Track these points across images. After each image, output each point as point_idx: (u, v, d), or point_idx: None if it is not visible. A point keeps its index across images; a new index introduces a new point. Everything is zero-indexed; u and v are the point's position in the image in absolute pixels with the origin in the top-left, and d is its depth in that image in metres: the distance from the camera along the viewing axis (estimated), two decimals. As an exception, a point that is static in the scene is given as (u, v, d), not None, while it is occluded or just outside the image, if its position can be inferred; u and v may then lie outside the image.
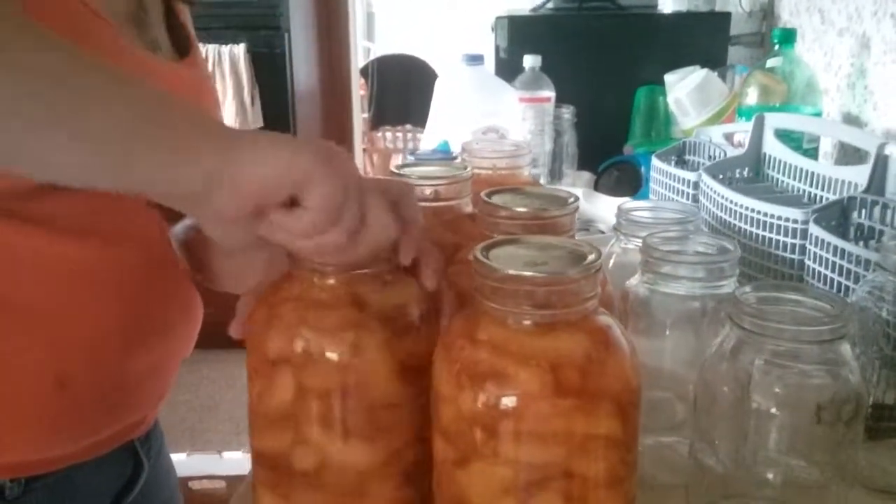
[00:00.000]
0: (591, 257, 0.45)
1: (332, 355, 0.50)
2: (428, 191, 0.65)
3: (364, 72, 4.53)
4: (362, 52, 5.07)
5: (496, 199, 0.59)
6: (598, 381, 0.43)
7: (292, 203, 0.46)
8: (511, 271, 0.43)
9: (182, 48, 0.73)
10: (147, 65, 0.65)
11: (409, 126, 4.81)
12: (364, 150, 4.35)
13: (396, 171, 0.66)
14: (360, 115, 3.69)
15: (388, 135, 4.86)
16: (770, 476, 0.57)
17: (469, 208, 0.66)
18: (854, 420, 0.54)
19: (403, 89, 4.75)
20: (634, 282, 0.64)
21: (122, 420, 0.69)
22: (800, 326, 0.52)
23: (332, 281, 0.51)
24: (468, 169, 0.67)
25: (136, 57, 0.63)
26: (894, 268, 0.62)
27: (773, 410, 0.54)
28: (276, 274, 0.54)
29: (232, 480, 1.96)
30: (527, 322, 0.44)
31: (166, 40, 0.71)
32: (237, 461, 2.05)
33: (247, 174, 0.45)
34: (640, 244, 0.65)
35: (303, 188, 0.45)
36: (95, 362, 0.63)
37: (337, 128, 3.34)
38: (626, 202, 0.75)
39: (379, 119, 4.81)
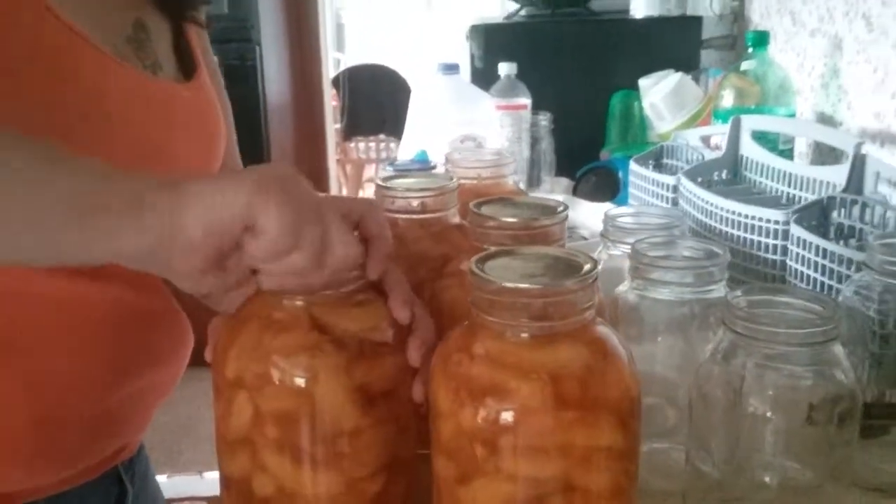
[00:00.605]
0: (587, 267, 0.44)
1: (285, 379, 0.49)
2: (415, 203, 0.64)
3: (335, 82, 4.52)
4: (332, 62, 5.06)
5: (485, 210, 0.59)
6: (599, 392, 0.43)
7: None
8: (508, 284, 0.43)
9: (189, 70, 0.72)
10: (142, 86, 0.65)
11: (382, 136, 4.80)
12: (337, 160, 4.33)
13: (382, 183, 0.66)
14: (332, 126, 3.68)
15: (361, 145, 4.85)
16: (767, 479, 0.57)
17: (456, 219, 0.66)
18: (848, 420, 0.54)
19: (375, 99, 4.75)
20: (624, 288, 0.64)
21: (105, 449, 0.68)
22: (792, 329, 0.52)
23: (298, 302, 0.50)
24: (454, 180, 0.66)
25: (128, 78, 0.63)
26: (880, 267, 0.62)
27: (768, 413, 0.54)
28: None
29: (214, 501, 1.93)
30: (524, 334, 0.43)
31: (171, 62, 0.70)
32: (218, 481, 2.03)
33: (193, 227, 0.44)
34: (628, 250, 0.65)
35: (254, 218, 0.44)
36: (76, 397, 0.62)
37: (310, 139, 3.32)
38: (612, 209, 0.75)
39: (351, 129, 4.80)
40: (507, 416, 0.42)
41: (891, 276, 0.62)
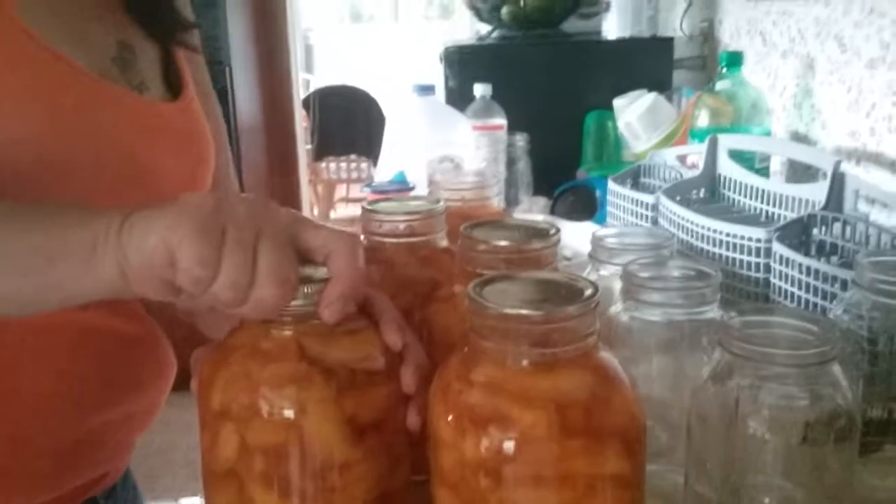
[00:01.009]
0: (588, 292, 0.44)
1: (273, 411, 0.47)
2: (402, 226, 0.63)
3: (305, 103, 4.51)
4: (302, 83, 5.05)
5: (475, 233, 0.58)
6: (605, 420, 0.42)
7: None
8: (510, 310, 0.42)
9: (178, 92, 0.71)
10: (125, 104, 0.64)
11: (352, 156, 4.79)
12: (308, 181, 4.31)
13: (368, 207, 0.65)
14: (304, 147, 3.66)
15: (332, 165, 4.83)
16: (766, 501, 0.56)
17: (444, 243, 0.65)
18: (848, 440, 0.53)
19: (345, 120, 4.74)
20: (616, 310, 0.64)
21: (82, 476, 0.67)
22: (791, 350, 0.52)
23: (286, 331, 0.49)
24: (441, 203, 0.65)
25: (110, 96, 0.62)
26: (871, 285, 0.62)
27: (766, 435, 0.54)
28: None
29: (189, 528, 1.89)
30: (526, 362, 0.42)
31: (159, 83, 0.70)
32: (194, 508, 1.99)
33: (136, 265, 0.46)
34: (617, 271, 0.65)
35: (171, 251, 0.44)
36: (50, 421, 0.61)
37: (281, 160, 3.30)
38: (599, 229, 0.75)
39: (322, 150, 4.78)
40: (512, 446, 0.41)
41: (881, 293, 0.62)
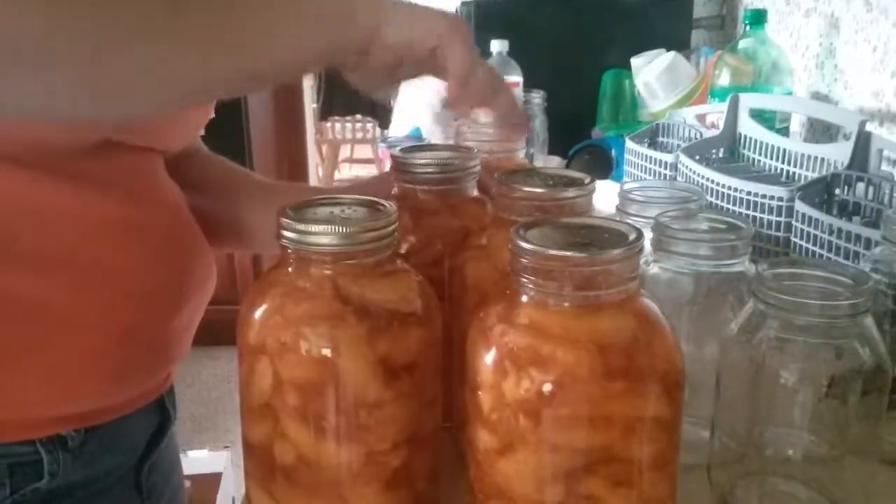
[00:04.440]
0: (632, 236, 0.44)
1: (306, 348, 0.48)
2: (434, 175, 0.63)
3: (312, 61, 4.46)
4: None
5: (511, 181, 0.58)
6: (646, 362, 0.42)
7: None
8: (554, 251, 0.42)
9: None
10: None
11: (358, 116, 4.77)
12: (315, 141, 4.29)
13: (399, 155, 0.64)
14: (310, 105, 3.64)
15: (338, 125, 4.81)
16: (790, 453, 0.57)
17: (475, 192, 0.65)
18: (876, 394, 0.54)
19: (352, 78, 4.70)
20: (646, 261, 0.64)
21: (162, 372, 0.71)
22: (825, 301, 0.52)
23: (325, 271, 0.49)
24: (475, 152, 0.65)
25: None
26: (900, 241, 0.62)
27: (796, 386, 0.54)
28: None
29: (198, 479, 1.91)
30: (569, 304, 0.42)
31: None
32: (203, 460, 2.01)
33: (391, 41, 0.55)
34: (645, 223, 0.65)
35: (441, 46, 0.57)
36: (150, 317, 0.66)
37: (288, 118, 3.29)
38: (626, 183, 0.74)
39: (328, 109, 4.76)
40: (553, 387, 0.41)
41: (912, 249, 0.62)
